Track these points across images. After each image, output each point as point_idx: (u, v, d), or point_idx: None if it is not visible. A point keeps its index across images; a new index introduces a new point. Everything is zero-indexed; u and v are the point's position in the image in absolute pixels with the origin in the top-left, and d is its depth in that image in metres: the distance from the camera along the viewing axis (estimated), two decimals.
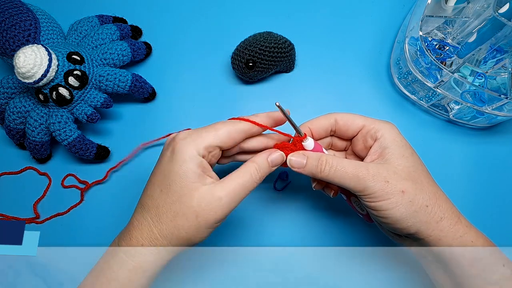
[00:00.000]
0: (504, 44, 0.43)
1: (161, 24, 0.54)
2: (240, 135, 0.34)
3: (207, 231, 0.32)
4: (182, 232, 0.32)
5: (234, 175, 0.33)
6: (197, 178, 0.32)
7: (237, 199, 0.32)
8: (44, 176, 0.48)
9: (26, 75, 0.40)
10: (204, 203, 0.31)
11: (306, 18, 0.54)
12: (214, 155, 0.34)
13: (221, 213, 0.32)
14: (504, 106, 0.43)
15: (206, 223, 0.32)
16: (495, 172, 0.48)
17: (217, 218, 0.32)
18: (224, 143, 0.33)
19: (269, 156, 0.34)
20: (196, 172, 0.32)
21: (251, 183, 0.33)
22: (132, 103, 0.51)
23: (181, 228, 0.32)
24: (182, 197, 0.32)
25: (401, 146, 0.34)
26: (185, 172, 0.32)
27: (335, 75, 0.51)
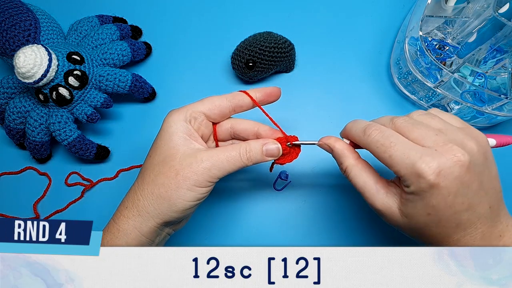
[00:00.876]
0: (504, 44, 0.43)
1: (161, 24, 0.54)
2: (223, 102, 0.35)
3: (189, 194, 0.32)
4: (162, 190, 0.32)
5: (223, 147, 0.33)
6: (182, 141, 0.33)
7: (220, 167, 0.32)
8: (44, 176, 0.48)
9: (26, 75, 0.40)
10: (185, 162, 0.32)
11: (306, 18, 0.54)
12: (200, 122, 0.35)
13: (201, 175, 0.32)
14: (504, 106, 0.43)
15: (185, 182, 0.32)
16: None
17: (197, 180, 0.32)
18: (209, 109, 0.35)
19: (265, 145, 0.34)
20: (181, 136, 0.33)
21: (238, 160, 0.33)
22: (132, 103, 0.51)
23: (161, 185, 0.32)
24: (165, 157, 0.33)
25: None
26: (170, 135, 0.33)
27: (335, 75, 0.51)
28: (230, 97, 0.35)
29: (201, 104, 0.35)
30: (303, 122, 0.49)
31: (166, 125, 0.34)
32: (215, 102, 0.35)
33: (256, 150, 0.34)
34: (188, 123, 0.34)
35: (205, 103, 0.35)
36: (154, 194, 0.32)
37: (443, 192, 0.28)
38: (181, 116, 0.34)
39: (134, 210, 0.33)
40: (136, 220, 0.33)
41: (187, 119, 0.34)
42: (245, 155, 0.33)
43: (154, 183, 0.32)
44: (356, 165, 0.33)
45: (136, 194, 0.33)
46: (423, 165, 0.27)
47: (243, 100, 0.36)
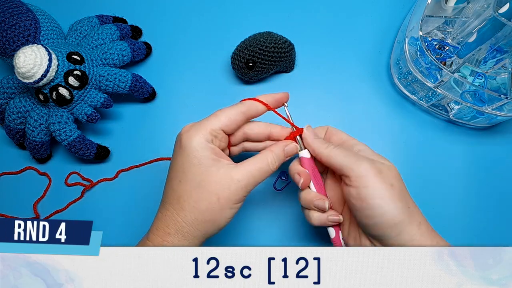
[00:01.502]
0: (504, 44, 0.43)
1: (161, 24, 0.54)
2: (239, 116, 0.36)
3: (230, 212, 0.33)
4: (206, 215, 0.33)
5: (251, 160, 0.34)
6: (212, 162, 0.33)
7: (254, 181, 0.34)
8: (44, 176, 0.48)
9: (26, 75, 0.40)
10: (223, 186, 0.33)
11: (306, 18, 0.54)
12: (221, 139, 0.35)
13: (240, 194, 0.33)
14: (504, 106, 0.43)
15: (227, 203, 0.33)
16: (495, 172, 0.48)
17: (237, 199, 0.33)
18: (226, 125, 0.35)
19: (286, 147, 0.36)
20: (209, 157, 0.33)
21: (267, 169, 0.35)
22: (132, 103, 0.51)
23: (205, 211, 0.33)
24: (200, 182, 0.33)
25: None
26: (199, 159, 0.33)
27: (335, 75, 0.51)
28: (244, 109, 0.36)
29: (218, 121, 0.35)
30: (303, 122, 0.49)
31: (191, 150, 0.33)
32: (231, 117, 0.35)
33: (280, 154, 0.36)
34: (211, 143, 0.34)
35: (221, 119, 0.35)
36: (199, 220, 0.33)
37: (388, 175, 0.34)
38: (202, 137, 0.34)
39: (180, 236, 0.33)
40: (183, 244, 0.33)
41: (209, 139, 0.34)
42: (274, 163, 0.35)
43: (198, 210, 0.33)
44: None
45: (177, 221, 0.33)
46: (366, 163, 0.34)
47: (256, 110, 0.37)
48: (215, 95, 0.51)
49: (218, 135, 0.35)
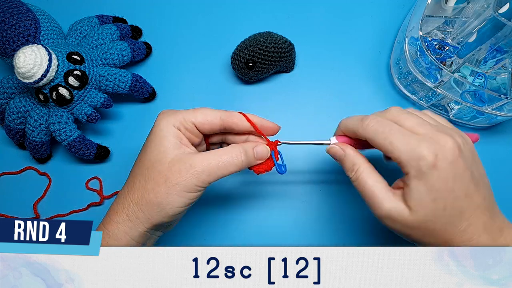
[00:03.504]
0: (504, 44, 0.43)
1: (161, 24, 0.54)
2: (216, 120, 0.34)
3: (177, 199, 0.32)
4: (152, 195, 0.32)
5: (214, 151, 0.33)
6: (172, 145, 0.33)
7: (210, 173, 0.32)
8: (44, 176, 0.48)
9: (26, 75, 0.40)
10: (175, 168, 0.32)
11: (306, 18, 0.54)
12: (191, 131, 0.34)
13: (190, 181, 0.31)
14: (504, 106, 0.43)
15: (175, 188, 0.31)
16: (495, 172, 0.48)
17: (187, 186, 0.32)
18: (199, 122, 0.34)
19: (255, 147, 0.35)
20: (170, 141, 0.33)
21: (230, 164, 0.33)
22: (132, 103, 0.51)
23: (151, 191, 0.32)
24: (154, 163, 0.32)
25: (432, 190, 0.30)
26: (160, 139, 0.33)
27: (335, 75, 0.51)
28: (224, 116, 0.35)
29: (193, 115, 0.34)
30: (303, 122, 0.49)
31: (157, 129, 0.34)
32: (207, 117, 0.34)
33: (249, 152, 0.34)
34: (179, 130, 0.34)
35: (197, 115, 0.34)
36: (143, 200, 0.32)
37: (442, 174, 0.29)
38: (172, 121, 0.33)
39: (124, 216, 0.33)
40: (126, 225, 0.33)
41: (177, 125, 0.34)
42: (238, 160, 0.33)
43: (144, 189, 0.32)
44: (368, 166, 0.33)
45: (125, 199, 0.33)
46: (422, 149, 0.29)
47: (237, 124, 0.35)
48: (215, 95, 0.51)
49: (189, 128, 0.34)
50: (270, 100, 0.50)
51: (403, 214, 0.31)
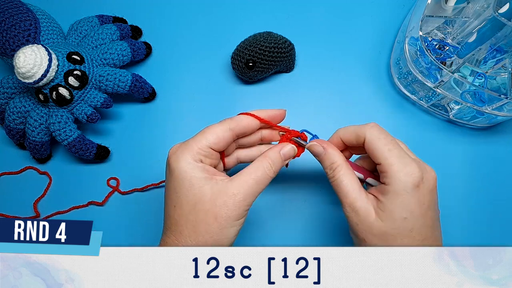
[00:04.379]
0: (504, 44, 0.43)
1: (161, 24, 0.54)
2: (227, 133, 0.34)
3: (232, 230, 0.32)
4: (206, 237, 0.31)
5: (246, 171, 0.33)
6: (204, 182, 0.32)
7: (252, 193, 0.32)
8: (45, 175, 0.48)
9: (26, 75, 0.40)
10: (219, 202, 0.31)
11: (306, 18, 0.54)
12: (210, 156, 0.34)
13: (238, 210, 0.31)
14: (504, 106, 0.43)
15: (226, 222, 0.31)
16: (495, 172, 0.48)
17: (236, 215, 0.31)
18: (214, 144, 0.33)
19: (282, 150, 0.35)
20: (200, 177, 0.32)
21: (265, 178, 0.33)
22: (132, 103, 0.51)
23: (204, 233, 0.31)
24: (195, 205, 0.31)
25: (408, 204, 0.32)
26: (189, 180, 0.32)
27: (335, 75, 0.51)
28: (232, 125, 0.34)
29: (205, 139, 0.33)
30: (303, 122, 0.49)
31: (180, 172, 0.32)
32: (218, 135, 0.33)
33: (277, 159, 0.34)
34: (200, 162, 0.33)
35: (208, 137, 0.33)
36: (200, 244, 0.32)
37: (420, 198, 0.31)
38: (190, 157, 0.32)
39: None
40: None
41: (197, 159, 0.32)
42: (271, 170, 0.33)
43: (197, 234, 0.31)
44: (346, 165, 0.34)
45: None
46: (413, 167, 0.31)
47: (247, 125, 0.35)
48: (215, 95, 0.51)
49: (207, 153, 0.33)
50: (270, 100, 0.50)
51: (369, 218, 0.32)
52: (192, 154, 0.32)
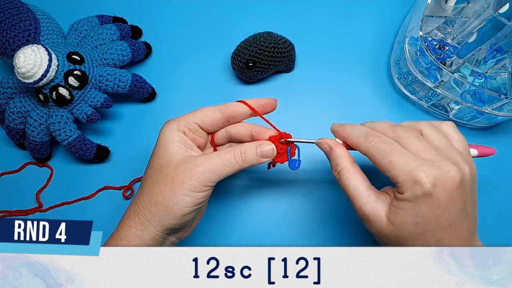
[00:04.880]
0: (504, 44, 0.43)
1: (161, 24, 0.54)
2: (216, 113, 0.36)
3: (185, 199, 0.32)
4: (159, 196, 0.33)
5: (217, 152, 0.34)
6: (178, 150, 0.34)
7: (213, 171, 0.33)
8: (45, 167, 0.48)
9: (26, 75, 0.40)
10: (180, 168, 0.33)
11: (306, 18, 0.54)
12: (195, 132, 0.36)
13: (195, 180, 0.32)
14: (504, 106, 0.43)
15: (181, 187, 0.32)
16: (495, 172, 0.48)
17: (192, 184, 0.32)
18: (201, 120, 0.35)
19: (259, 146, 0.35)
20: (176, 145, 0.34)
21: (232, 163, 0.33)
22: (132, 103, 0.51)
23: (158, 193, 0.33)
24: (162, 166, 0.34)
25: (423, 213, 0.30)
26: (165, 144, 0.34)
27: (335, 75, 0.51)
28: (223, 108, 0.36)
29: (194, 116, 0.35)
30: (303, 122, 0.49)
31: (161, 136, 0.35)
32: (207, 114, 0.36)
33: (251, 152, 0.34)
34: (183, 133, 0.35)
35: (197, 115, 0.35)
36: (152, 202, 0.33)
37: (434, 203, 0.29)
38: (175, 127, 0.35)
39: (136, 219, 0.33)
40: (137, 229, 0.33)
41: (180, 129, 0.35)
42: (240, 157, 0.34)
43: (152, 191, 0.33)
44: (351, 168, 0.34)
45: (137, 203, 0.34)
46: (421, 173, 0.29)
47: (236, 111, 0.36)
48: (215, 95, 0.51)
49: (192, 128, 0.35)
50: None
51: (379, 222, 0.32)
52: (177, 124, 0.35)
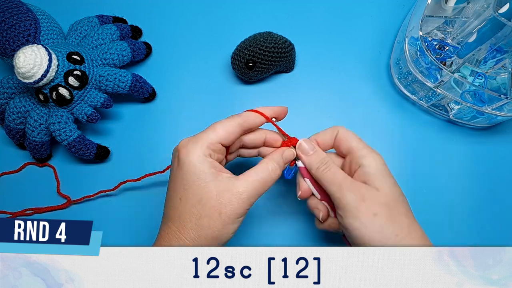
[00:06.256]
0: (504, 44, 0.43)
1: (161, 24, 0.54)
2: (237, 128, 0.35)
3: (233, 227, 0.33)
4: (209, 231, 0.32)
5: (252, 171, 0.34)
6: (212, 177, 0.32)
7: (256, 194, 0.33)
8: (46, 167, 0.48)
9: (26, 75, 0.40)
10: (224, 200, 0.32)
11: (306, 18, 0.54)
12: (219, 152, 0.35)
13: (242, 208, 0.32)
14: (504, 106, 0.43)
15: (230, 218, 0.32)
16: (495, 172, 0.48)
17: (239, 213, 0.32)
18: (225, 138, 0.34)
19: (283, 153, 0.36)
20: (208, 173, 0.32)
21: (270, 179, 0.34)
22: (132, 103, 0.51)
23: (207, 228, 0.32)
24: (201, 199, 0.32)
25: (385, 175, 0.34)
26: (198, 175, 0.32)
27: (335, 75, 0.51)
28: (241, 121, 0.35)
29: (215, 134, 0.34)
30: (303, 122, 0.49)
31: (189, 166, 0.33)
32: (228, 130, 0.34)
33: (281, 162, 0.35)
34: (209, 157, 0.33)
35: (218, 132, 0.34)
36: (201, 237, 0.32)
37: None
38: (201, 152, 0.33)
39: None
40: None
41: (207, 153, 0.33)
42: (275, 173, 0.34)
43: (200, 227, 0.32)
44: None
45: (180, 239, 0.33)
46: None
47: (253, 121, 0.36)
48: (215, 95, 0.51)
49: (216, 148, 0.34)
50: (270, 100, 0.50)
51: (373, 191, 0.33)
52: (202, 149, 0.33)
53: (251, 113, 0.36)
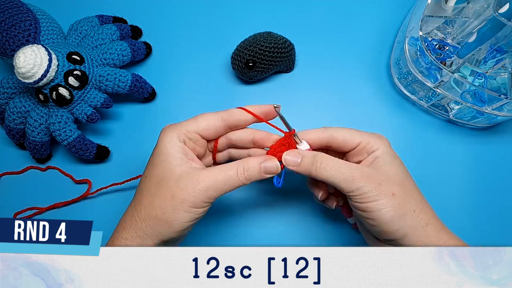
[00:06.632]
0: (504, 44, 0.43)
1: (161, 24, 0.54)
2: (218, 122, 0.35)
3: (185, 215, 0.32)
4: (159, 211, 0.32)
5: (220, 167, 0.33)
6: (178, 162, 0.33)
7: (215, 188, 0.32)
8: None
9: (26, 75, 0.40)
10: (182, 184, 0.32)
11: (306, 18, 0.54)
12: (196, 142, 0.35)
13: (197, 197, 0.32)
14: (504, 106, 0.43)
15: (181, 204, 0.32)
16: (495, 172, 0.48)
17: (193, 201, 0.32)
18: (203, 129, 0.34)
19: (263, 162, 0.34)
20: (176, 156, 0.33)
21: (235, 180, 0.33)
22: (132, 103, 0.51)
23: (158, 207, 0.32)
24: (162, 179, 0.32)
25: (392, 156, 0.35)
26: (166, 155, 0.33)
27: (335, 75, 0.51)
28: (225, 116, 0.35)
29: (195, 124, 0.34)
30: (303, 122, 0.49)
31: (161, 145, 0.33)
32: (209, 122, 0.35)
33: (254, 169, 0.33)
34: (183, 143, 0.34)
35: (199, 123, 0.34)
36: (151, 216, 0.32)
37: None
38: (175, 135, 0.33)
39: (132, 232, 0.33)
40: (134, 241, 0.33)
41: (181, 138, 0.34)
42: (242, 175, 0.33)
43: (151, 206, 0.32)
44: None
45: (133, 216, 0.33)
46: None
47: (239, 119, 0.35)
48: (215, 95, 0.51)
49: (193, 138, 0.34)
50: (270, 100, 0.50)
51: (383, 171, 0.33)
52: (178, 133, 0.34)
53: (237, 110, 0.35)
